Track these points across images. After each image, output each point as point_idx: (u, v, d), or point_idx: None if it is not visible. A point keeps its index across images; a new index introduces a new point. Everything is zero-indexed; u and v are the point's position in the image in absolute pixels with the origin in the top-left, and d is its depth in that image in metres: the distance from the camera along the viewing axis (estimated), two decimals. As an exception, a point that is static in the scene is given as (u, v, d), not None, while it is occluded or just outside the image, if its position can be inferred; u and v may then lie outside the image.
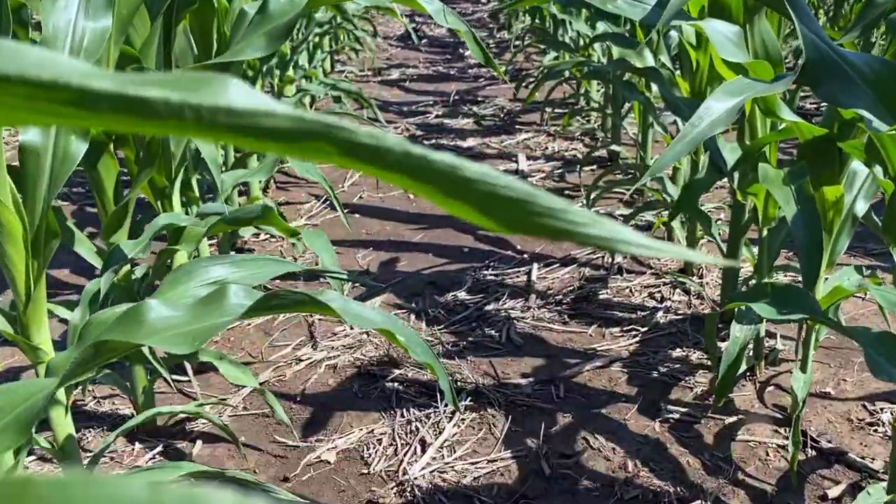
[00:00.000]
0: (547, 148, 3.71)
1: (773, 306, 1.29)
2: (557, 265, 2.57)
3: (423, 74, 5.29)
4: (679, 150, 1.04)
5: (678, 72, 2.47)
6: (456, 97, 4.63)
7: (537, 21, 4.77)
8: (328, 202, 3.07)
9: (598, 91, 3.98)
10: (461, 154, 3.58)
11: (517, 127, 4.05)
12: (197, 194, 2.16)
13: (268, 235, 2.71)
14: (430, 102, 4.56)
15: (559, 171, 3.42)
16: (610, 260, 2.55)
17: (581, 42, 3.94)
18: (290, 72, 3.43)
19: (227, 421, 1.83)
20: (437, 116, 4.28)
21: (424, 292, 2.41)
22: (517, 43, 5.22)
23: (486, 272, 2.52)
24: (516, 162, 3.52)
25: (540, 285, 2.43)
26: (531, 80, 4.35)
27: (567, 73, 3.67)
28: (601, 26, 3.12)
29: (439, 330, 2.20)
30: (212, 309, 0.95)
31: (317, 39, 4.25)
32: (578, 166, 3.33)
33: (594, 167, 3.40)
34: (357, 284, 2.47)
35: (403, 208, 3.06)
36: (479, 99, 4.59)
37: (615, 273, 2.49)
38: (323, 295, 0.97)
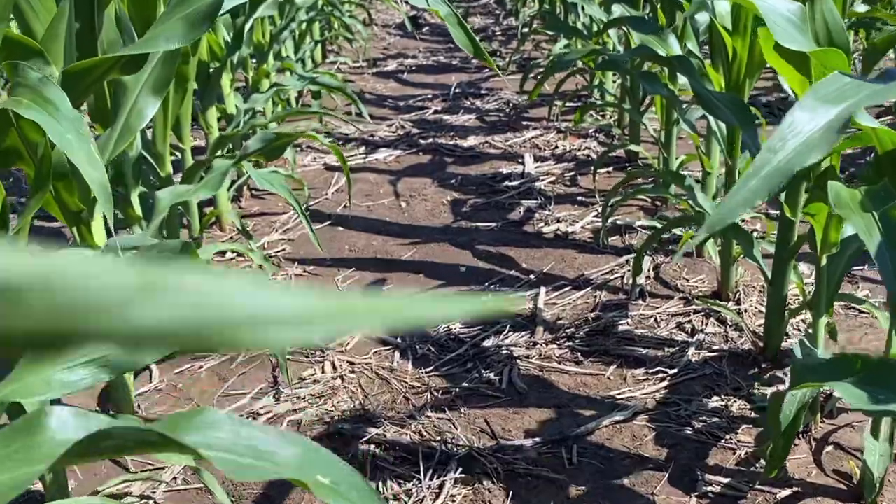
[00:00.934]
0: (557, 147, 3.34)
1: (864, 389, 0.93)
2: (569, 288, 2.21)
3: (423, 65, 4.91)
4: (754, 188, 0.68)
5: (708, 62, 2.10)
6: (457, 90, 4.25)
7: (546, 6, 4.40)
8: (309, 212, 2.71)
9: (615, 83, 3.60)
10: (462, 154, 3.22)
11: (524, 123, 3.67)
12: (139, 213, 1.81)
13: (234, 255, 2.35)
14: (429, 96, 4.18)
15: (571, 173, 3.05)
16: (631, 282, 2.18)
17: (595, 28, 3.57)
18: (270, 63, 3.07)
19: (162, 499, 1.48)
20: (435, 112, 3.90)
21: (413, 322, 2.05)
22: (525, 30, 4.83)
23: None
24: (522, 163, 3.15)
25: (548, 314, 2.07)
26: (539, 70, 3.97)
27: (579, 64, 3.29)
28: (617, 10, 2.75)
29: (427, 373, 1.84)
30: (15, 450, 0.60)
31: (304, 27, 3.89)
32: (592, 168, 2.96)
33: (610, 169, 3.03)
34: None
35: (394, 219, 2.70)
36: (483, 92, 4.21)
37: (637, 298, 2.13)
38: (190, 424, 0.62)
